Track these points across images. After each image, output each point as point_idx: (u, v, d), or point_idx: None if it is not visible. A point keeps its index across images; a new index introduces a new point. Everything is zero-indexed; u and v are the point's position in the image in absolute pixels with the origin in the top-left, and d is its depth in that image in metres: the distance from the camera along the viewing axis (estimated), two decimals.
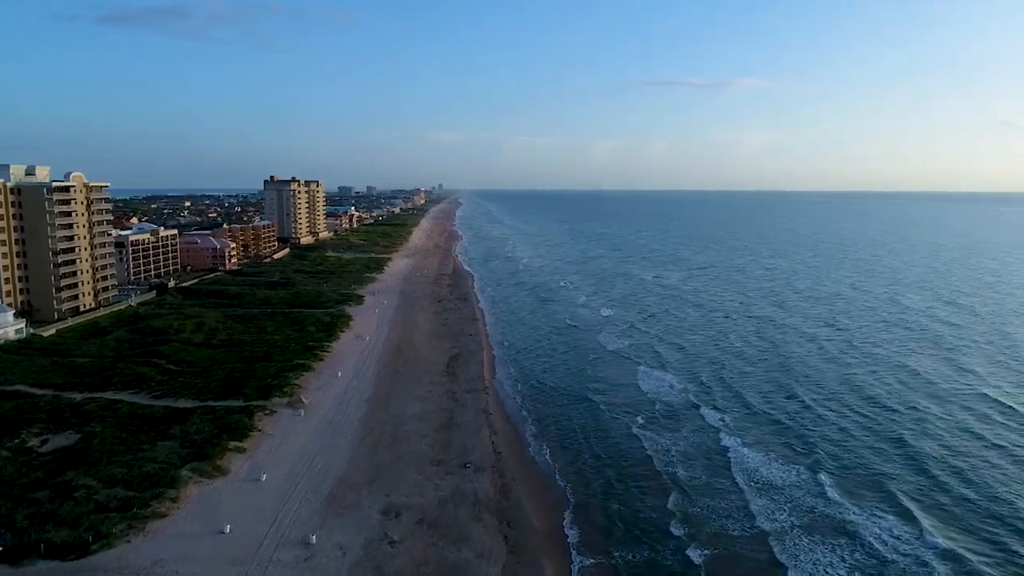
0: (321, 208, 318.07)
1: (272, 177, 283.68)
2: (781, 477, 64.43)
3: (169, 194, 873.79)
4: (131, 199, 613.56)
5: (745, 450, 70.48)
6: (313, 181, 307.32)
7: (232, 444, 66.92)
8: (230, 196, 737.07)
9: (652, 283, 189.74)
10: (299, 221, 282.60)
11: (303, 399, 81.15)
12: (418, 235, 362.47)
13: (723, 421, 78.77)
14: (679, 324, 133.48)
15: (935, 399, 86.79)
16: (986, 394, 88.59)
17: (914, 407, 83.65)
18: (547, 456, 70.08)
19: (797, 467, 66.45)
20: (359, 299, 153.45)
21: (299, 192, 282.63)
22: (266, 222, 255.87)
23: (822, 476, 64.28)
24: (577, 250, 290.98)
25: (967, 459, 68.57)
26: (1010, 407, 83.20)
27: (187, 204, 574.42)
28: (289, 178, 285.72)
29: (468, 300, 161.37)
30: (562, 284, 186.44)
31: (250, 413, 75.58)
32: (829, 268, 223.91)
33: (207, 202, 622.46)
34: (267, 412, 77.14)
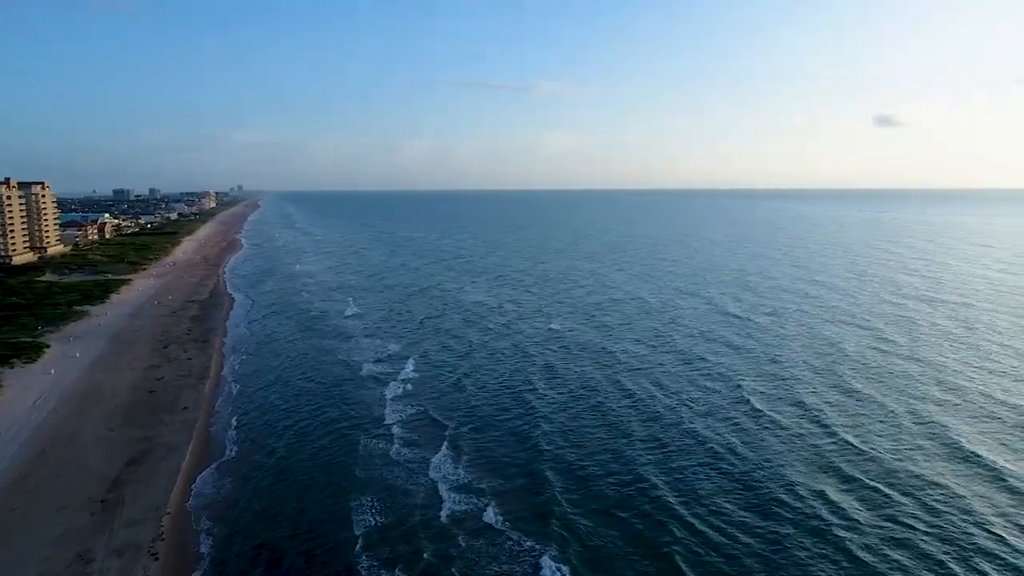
0: (51, 217, 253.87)
1: None
2: None
3: None
4: None
5: None
6: (37, 183, 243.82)
7: None
8: None
9: (441, 299, 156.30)
10: (12, 235, 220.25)
11: None
12: (188, 245, 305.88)
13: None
14: (452, 363, 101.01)
15: (726, 474, 60.52)
16: (785, 459, 64.30)
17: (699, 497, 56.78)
18: None
19: None
20: (37, 351, 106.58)
21: (10, 198, 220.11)
22: None
23: None
24: (373, 259, 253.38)
25: None
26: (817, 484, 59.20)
27: None
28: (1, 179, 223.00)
29: (209, 342, 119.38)
30: (342, 309, 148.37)
31: None
32: (607, 271, 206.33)
33: None
34: None
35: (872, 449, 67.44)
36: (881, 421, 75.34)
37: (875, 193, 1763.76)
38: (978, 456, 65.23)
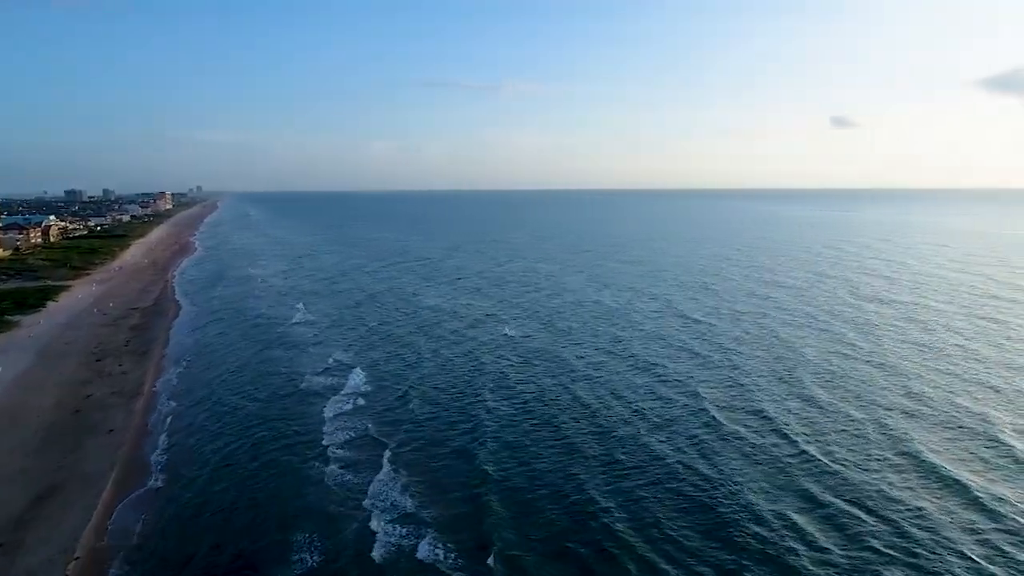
0: None
1: None
2: None
3: None
4: None
5: None
6: None
7: None
8: None
9: (394, 304, 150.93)
10: None
11: None
12: (138, 249, 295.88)
13: None
14: (400, 373, 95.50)
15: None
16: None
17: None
18: None
19: None
20: None
21: None
22: None
23: None
24: (329, 261, 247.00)
25: None
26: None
27: None
28: None
29: (149, 355, 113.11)
30: (291, 315, 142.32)
31: None
32: (566, 273, 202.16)
33: None
34: None
35: (835, 462, 64.73)
36: (845, 430, 72.87)
37: (832, 193, 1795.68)
38: (945, 468, 62.83)
